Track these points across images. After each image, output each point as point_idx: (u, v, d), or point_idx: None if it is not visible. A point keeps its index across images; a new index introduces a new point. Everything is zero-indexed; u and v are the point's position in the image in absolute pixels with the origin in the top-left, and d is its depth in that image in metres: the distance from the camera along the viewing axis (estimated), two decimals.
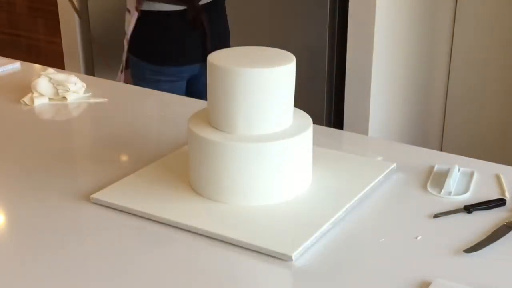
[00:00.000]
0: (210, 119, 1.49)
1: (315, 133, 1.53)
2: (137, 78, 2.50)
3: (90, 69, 3.68)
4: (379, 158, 1.67)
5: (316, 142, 1.56)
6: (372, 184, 1.54)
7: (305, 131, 1.48)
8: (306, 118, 1.55)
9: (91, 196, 1.48)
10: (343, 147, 1.77)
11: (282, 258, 1.28)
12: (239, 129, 1.44)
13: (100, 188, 1.52)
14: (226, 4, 2.64)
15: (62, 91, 2.10)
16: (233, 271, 1.28)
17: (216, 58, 1.47)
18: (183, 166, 1.56)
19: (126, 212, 1.44)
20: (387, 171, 1.60)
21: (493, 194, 1.50)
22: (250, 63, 1.44)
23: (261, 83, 1.42)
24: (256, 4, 3.04)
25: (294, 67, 1.48)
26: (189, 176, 1.53)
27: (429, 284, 1.20)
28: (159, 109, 2.02)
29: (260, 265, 1.28)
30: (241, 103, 1.43)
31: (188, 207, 1.45)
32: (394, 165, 1.63)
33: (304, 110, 1.56)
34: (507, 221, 1.40)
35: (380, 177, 1.57)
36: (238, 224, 1.39)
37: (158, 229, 1.39)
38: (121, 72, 2.50)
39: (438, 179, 1.58)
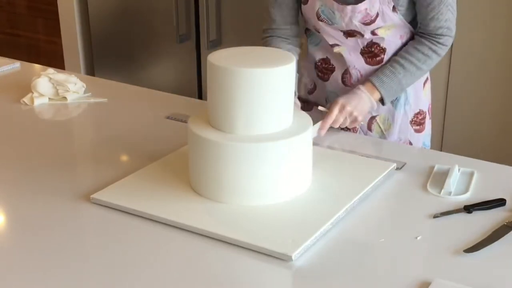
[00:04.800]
0: (210, 119, 1.49)
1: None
2: None
3: (90, 69, 3.68)
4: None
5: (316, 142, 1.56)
6: (372, 184, 1.53)
7: (305, 131, 1.48)
8: (306, 118, 1.54)
9: (91, 196, 1.48)
10: (343, 147, 1.76)
11: (282, 258, 1.28)
12: (239, 129, 1.44)
13: (100, 188, 1.52)
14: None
15: (62, 91, 2.10)
16: (233, 271, 1.28)
17: (216, 58, 1.46)
18: (183, 166, 1.56)
19: (126, 212, 1.44)
20: (387, 171, 1.60)
21: (493, 194, 1.50)
22: (250, 63, 1.44)
23: (261, 83, 1.42)
24: (255, 3, 3.04)
25: (294, 67, 1.48)
26: (189, 176, 1.53)
27: (429, 284, 1.20)
28: (159, 109, 2.01)
29: (260, 265, 1.28)
30: (241, 103, 1.43)
31: (188, 207, 1.45)
32: (394, 165, 1.63)
33: None
34: (507, 221, 1.40)
35: (380, 177, 1.57)
36: (238, 224, 1.39)
37: (158, 229, 1.39)
38: None
39: (438, 179, 1.57)
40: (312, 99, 2.02)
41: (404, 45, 1.88)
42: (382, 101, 1.85)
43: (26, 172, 1.65)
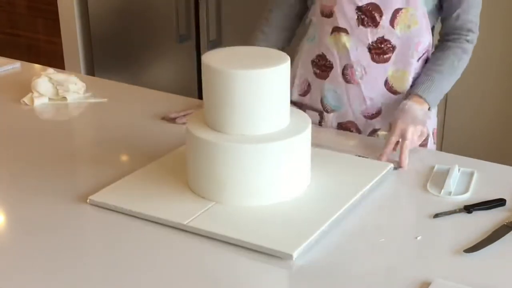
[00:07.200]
0: (207, 120, 1.49)
1: (313, 132, 1.53)
2: None
3: (90, 69, 3.68)
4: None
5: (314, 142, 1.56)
6: (370, 184, 1.53)
7: (303, 131, 1.47)
8: (304, 118, 1.54)
9: (89, 197, 1.48)
10: (342, 146, 1.76)
11: (282, 258, 1.28)
12: (236, 130, 1.44)
13: (99, 188, 1.51)
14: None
15: (62, 91, 2.09)
16: (233, 271, 1.28)
17: (211, 59, 1.45)
18: (181, 166, 1.56)
19: (125, 214, 1.44)
20: (384, 171, 1.59)
21: (493, 194, 1.50)
22: (245, 64, 1.43)
23: (256, 84, 1.41)
24: (255, 3, 3.04)
25: (288, 67, 1.47)
26: (187, 176, 1.52)
27: (429, 284, 1.20)
28: (159, 109, 2.01)
29: (260, 265, 1.28)
30: (237, 105, 1.42)
31: (186, 207, 1.44)
32: (391, 165, 1.62)
33: None
34: (507, 221, 1.40)
35: (378, 177, 1.57)
36: (237, 224, 1.39)
37: (156, 230, 1.39)
38: None
39: (438, 179, 1.57)
40: (306, 102, 1.97)
41: (419, 56, 1.84)
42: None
43: (25, 172, 1.65)
